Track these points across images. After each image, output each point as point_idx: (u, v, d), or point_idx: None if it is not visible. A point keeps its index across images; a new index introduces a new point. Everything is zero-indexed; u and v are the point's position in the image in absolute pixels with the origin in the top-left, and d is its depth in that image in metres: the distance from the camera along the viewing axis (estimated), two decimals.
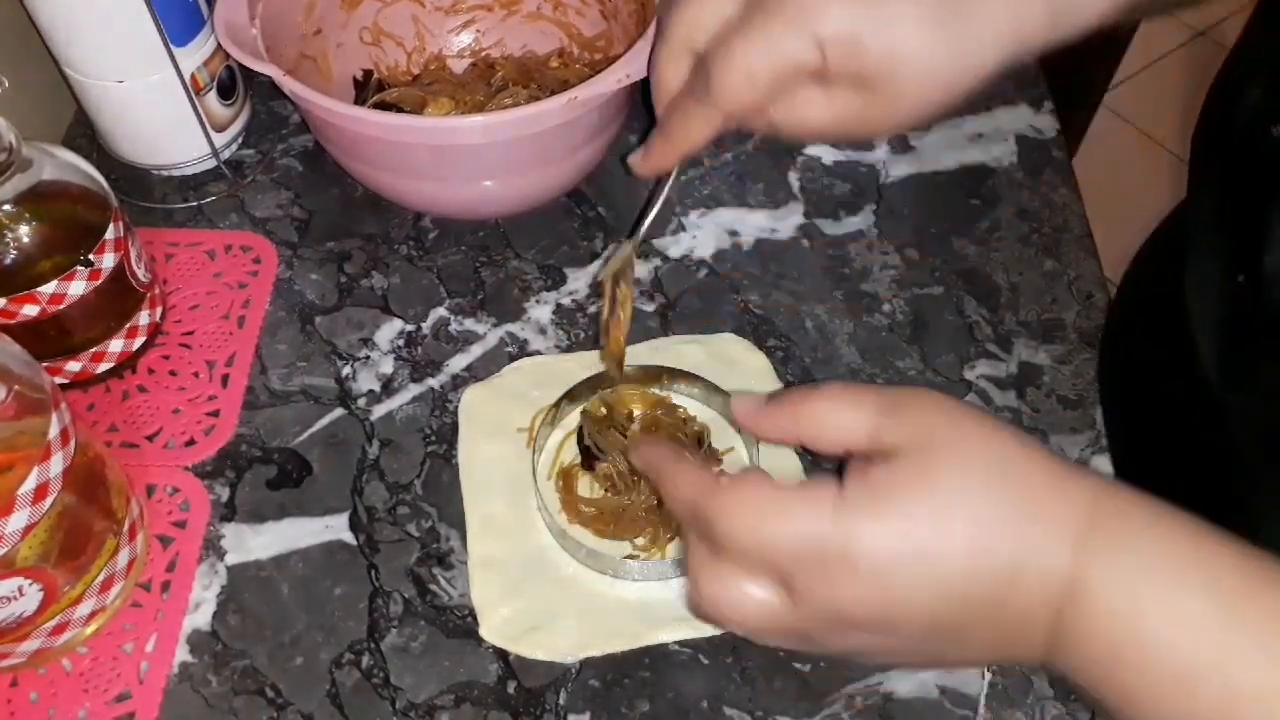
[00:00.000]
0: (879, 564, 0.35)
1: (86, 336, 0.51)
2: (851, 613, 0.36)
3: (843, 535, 0.35)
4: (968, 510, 0.35)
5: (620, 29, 0.64)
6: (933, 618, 0.36)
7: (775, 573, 0.36)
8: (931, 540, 0.34)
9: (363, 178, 0.58)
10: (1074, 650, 0.35)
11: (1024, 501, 0.35)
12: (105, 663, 0.45)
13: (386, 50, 0.66)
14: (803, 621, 0.37)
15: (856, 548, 0.34)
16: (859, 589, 0.35)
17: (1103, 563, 0.34)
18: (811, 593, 0.36)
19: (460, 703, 0.45)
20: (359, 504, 0.50)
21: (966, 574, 0.35)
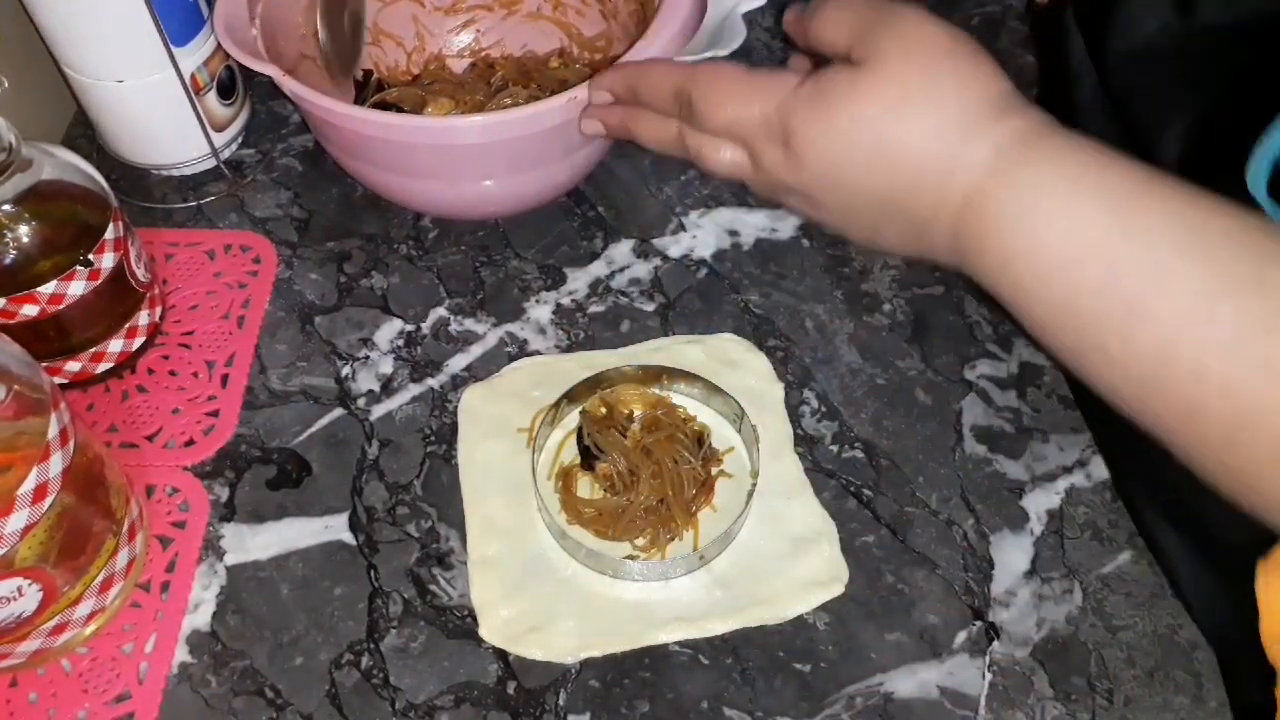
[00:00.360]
0: (800, 150, 0.43)
1: (86, 336, 0.51)
2: (786, 181, 0.45)
3: (786, 119, 0.43)
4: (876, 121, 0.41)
5: (620, 28, 0.64)
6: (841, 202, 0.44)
7: (740, 142, 0.46)
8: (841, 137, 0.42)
9: (362, 177, 0.58)
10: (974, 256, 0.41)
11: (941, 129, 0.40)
12: (105, 663, 0.45)
13: (386, 50, 0.66)
14: (761, 180, 0.46)
15: (789, 132, 0.43)
16: (790, 162, 0.44)
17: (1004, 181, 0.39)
18: (762, 160, 0.45)
19: (460, 703, 0.45)
20: (358, 504, 0.50)
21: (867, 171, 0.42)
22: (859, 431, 0.53)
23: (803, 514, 0.50)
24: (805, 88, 0.43)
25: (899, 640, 0.47)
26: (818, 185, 0.44)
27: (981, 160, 0.40)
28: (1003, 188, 0.40)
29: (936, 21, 0.43)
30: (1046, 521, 0.50)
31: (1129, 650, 0.46)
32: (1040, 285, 0.39)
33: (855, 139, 0.42)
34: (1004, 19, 0.72)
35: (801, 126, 0.43)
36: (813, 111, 0.43)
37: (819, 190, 0.44)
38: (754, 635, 0.47)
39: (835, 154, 0.42)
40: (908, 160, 0.41)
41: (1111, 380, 0.39)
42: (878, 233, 0.45)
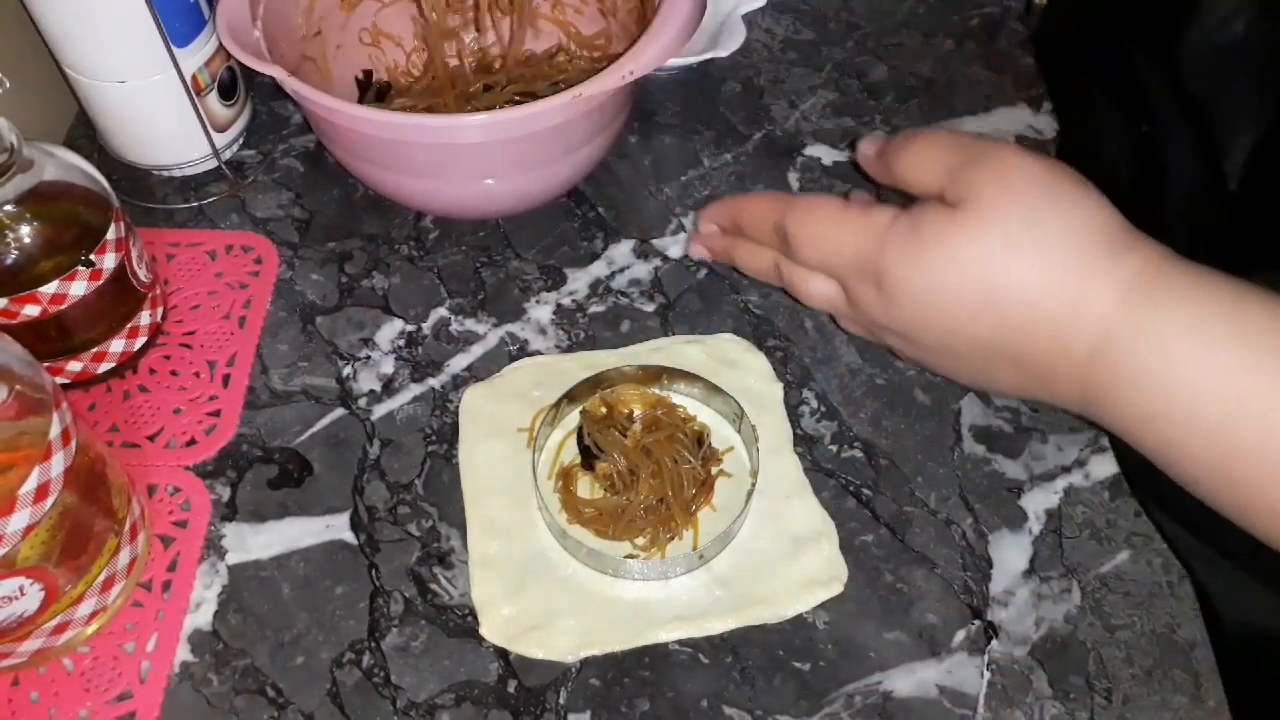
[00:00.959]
0: (896, 292, 0.42)
1: (88, 336, 0.51)
2: (881, 321, 0.44)
3: (878, 257, 0.42)
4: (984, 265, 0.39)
5: (619, 26, 0.64)
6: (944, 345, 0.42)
7: (834, 274, 0.45)
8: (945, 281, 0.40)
9: (364, 177, 0.58)
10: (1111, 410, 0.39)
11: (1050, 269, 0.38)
12: (106, 662, 0.45)
13: (386, 50, 0.66)
14: (855, 317, 0.46)
15: (883, 272, 0.42)
16: (883, 305, 0.43)
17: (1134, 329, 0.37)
18: (856, 297, 0.44)
19: (461, 702, 0.45)
20: (360, 504, 0.50)
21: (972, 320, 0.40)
22: (858, 431, 0.53)
23: (802, 513, 0.50)
24: (900, 226, 0.41)
25: (898, 639, 0.47)
26: (915, 328, 0.42)
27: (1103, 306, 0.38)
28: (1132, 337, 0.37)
29: (1034, 156, 0.41)
30: (1045, 521, 0.50)
31: (1127, 649, 0.47)
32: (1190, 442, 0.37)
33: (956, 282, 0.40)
34: (1003, 20, 0.72)
35: (896, 268, 0.41)
36: (907, 252, 0.41)
37: (917, 332, 0.43)
38: (753, 634, 0.47)
39: (933, 297, 0.41)
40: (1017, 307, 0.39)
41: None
42: (990, 377, 0.43)
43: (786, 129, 0.66)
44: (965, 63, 0.70)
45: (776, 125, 0.66)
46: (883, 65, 0.70)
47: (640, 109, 0.66)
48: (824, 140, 0.65)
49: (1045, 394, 0.41)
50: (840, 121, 0.66)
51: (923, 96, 0.68)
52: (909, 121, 0.66)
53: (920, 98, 0.68)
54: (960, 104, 0.67)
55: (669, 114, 0.67)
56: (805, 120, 0.66)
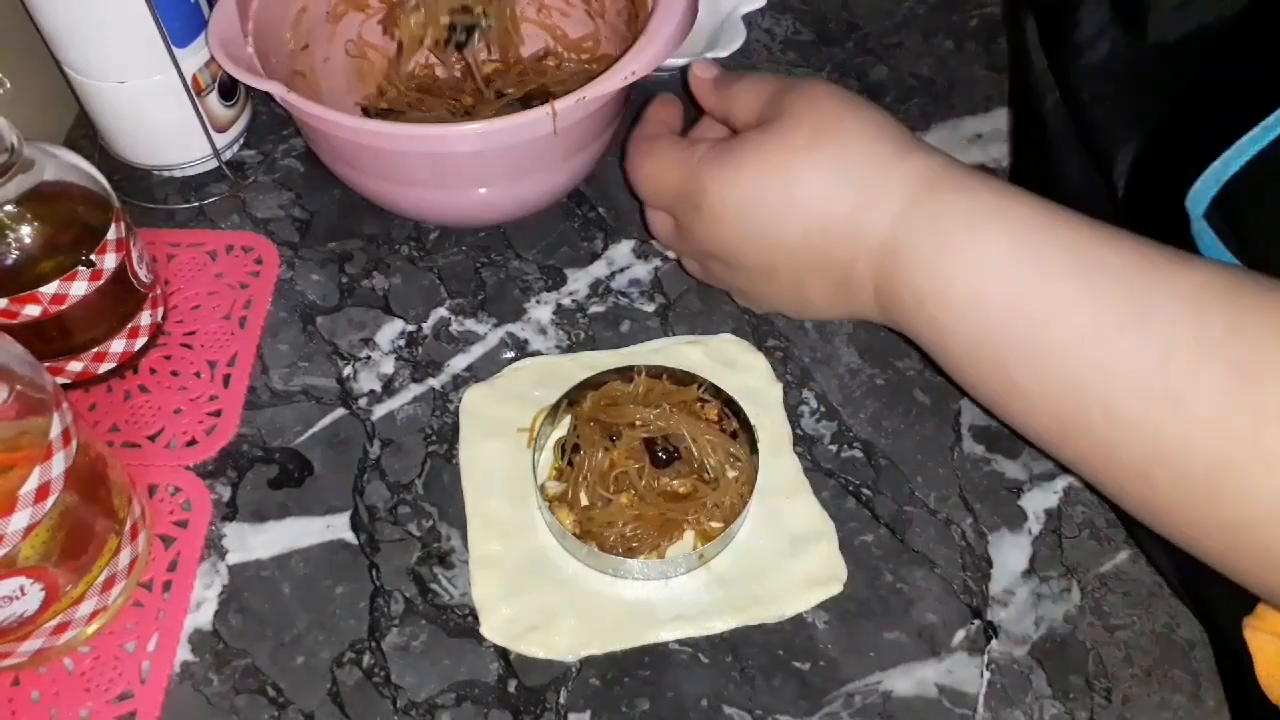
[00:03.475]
0: (715, 209, 0.44)
1: (88, 336, 0.51)
2: (706, 247, 0.46)
3: (696, 181, 0.45)
4: (784, 173, 0.42)
5: (608, 28, 0.64)
6: (760, 260, 0.45)
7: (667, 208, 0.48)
8: (752, 194, 0.43)
9: (361, 188, 0.58)
10: (895, 301, 0.42)
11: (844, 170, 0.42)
12: (107, 662, 0.45)
13: (372, 61, 0.66)
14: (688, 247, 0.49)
15: (702, 193, 0.44)
16: (702, 224, 0.45)
17: (915, 222, 0.40)
18: (684, 223, 0.47)
19: (461, 701, 0.45)
20: (360, 503, 0.51)
21: (781, 222, 0.43)
22: (858, 431, 0.53)
23: (802, 513, 0.50)
24: (716, 149, 0.45)
25: (898, 639, 0.47)
26: (735, 243, 0.45)
27: (891, 200, 0.41)
28: (913, 228, 0.40)
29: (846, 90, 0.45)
30: (1044, 521, 0.50)
31: (1127, 649, 0.47)
32: (953, 324, 0.40)
33: (765, 187, 0.43)
34: (1003, 20, 0.72)
35: (711, 184, 0.44)
36: (722, 169, 0.44)
37: (737, 250, 0.45)
38: (753, 634, 0.47)
39: (747, 205, 0.43)
40: (819, 201, 0.42)
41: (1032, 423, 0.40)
42: (802, 293, 0.45)
43: None
44: (965, 63, 0.70)
45: None
46: (883, 65, 0.70)
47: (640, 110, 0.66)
48: None
49: (852, 305, 0.44)
50: None
51: (923, 96, 0.68)
52: (909, 121, 0.66)
53: (920, 98, 0.68)
54: (960, 104, 0.67)
55: None
56: None
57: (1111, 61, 0.48)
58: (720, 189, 0.44)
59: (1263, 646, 0.39)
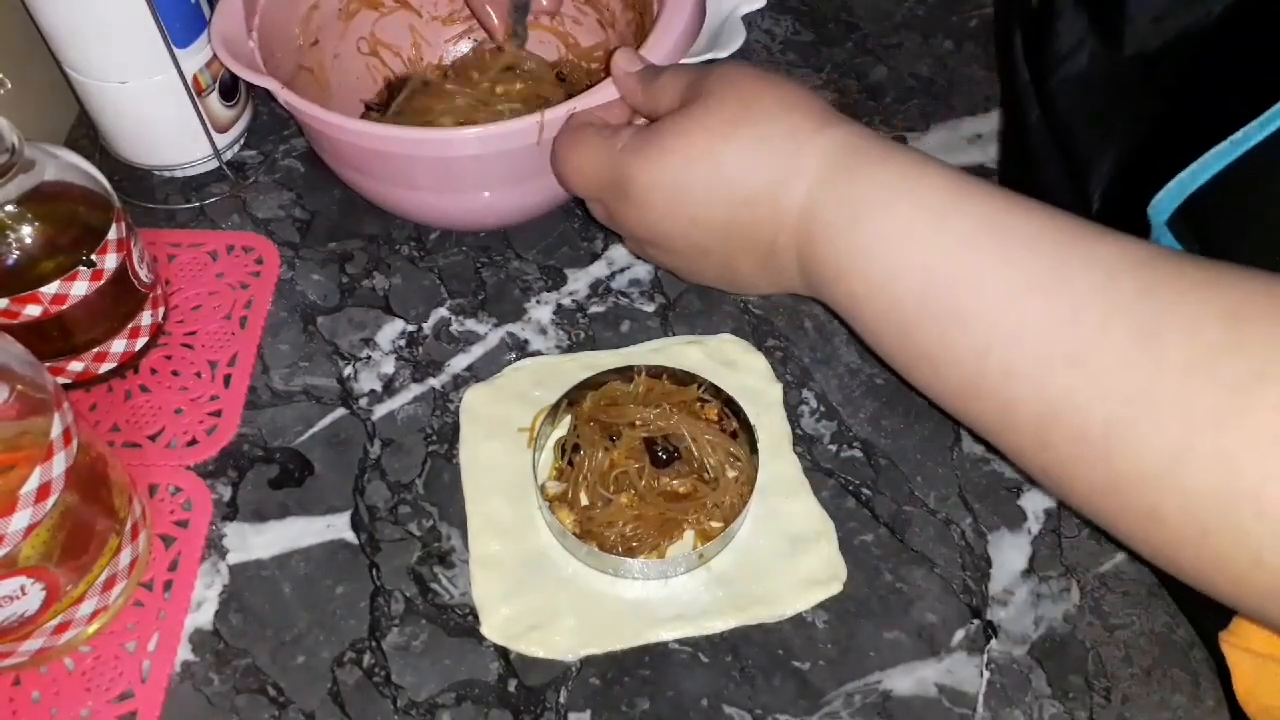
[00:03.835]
0: (642, 195, 0.44)
1: (89, 337, 0.51)
2: (635, 230, 0.46)
3: (621, 169, 0.45)
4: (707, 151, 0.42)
5: (618, 38, 0.64)
6: (691, 240, 0.45)
7: (598, 198, 0.48)
8: (677, 175, 0.43)
9: (361, 189, 0.58)
10: (814, 272, 0.42)
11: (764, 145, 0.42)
12: (107, 662, 0.45)
13: (385, 60, 0.66)
14: (624, 232, 0.49)
15: (629, 180, 0.44)
16: (632, 211, 0.45)
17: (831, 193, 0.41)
18: (615, 211, 0.47)
19: (461, 701, 0.45)
20: (360, 503, 0.51)
21: (707, 202, 0.43)
22: (857, 431, 0.53)
23: (801, 513, 0.50)
24: (638, 135, 0.45)
25: (897, 638, 0.47)
26: (665, 226, 0.45)
27: (810, 172, 0.41)
28: (830, 200, 0.41)
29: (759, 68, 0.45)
30: (1044, 520, 0.50)
31: (1126, 649, 0.47)
32: (867, 295, 0.40)
33: (690, 169, 0.43)
34: (995, 35, 0.72)
35: (637, 172, 0.44)
36: (645, 155, 0.44)
37: (667, 233, 0.45)
38: (753, 633, 0.47)
39: (673, 187, 0.43)
40: (742, 178, 0.42)
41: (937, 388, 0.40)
42: (733, 270, 0.46)
43: None
44: (965, 63, 0.70)
45: None
46: (882, 65, 0.70)
47: None
48: None
49: (779, 280, 0.44)
50: None
51: (922, 97, 0.68)
52: (909, 122, 0.66)
53: (920, 98, 0.68)
54: (960, 104, 0.67)
55: None
56: None
57: (1089, 73, 0.48)
58: (645, 175, 0.44)
59: (1239, 662, 0.39)
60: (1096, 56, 0.47)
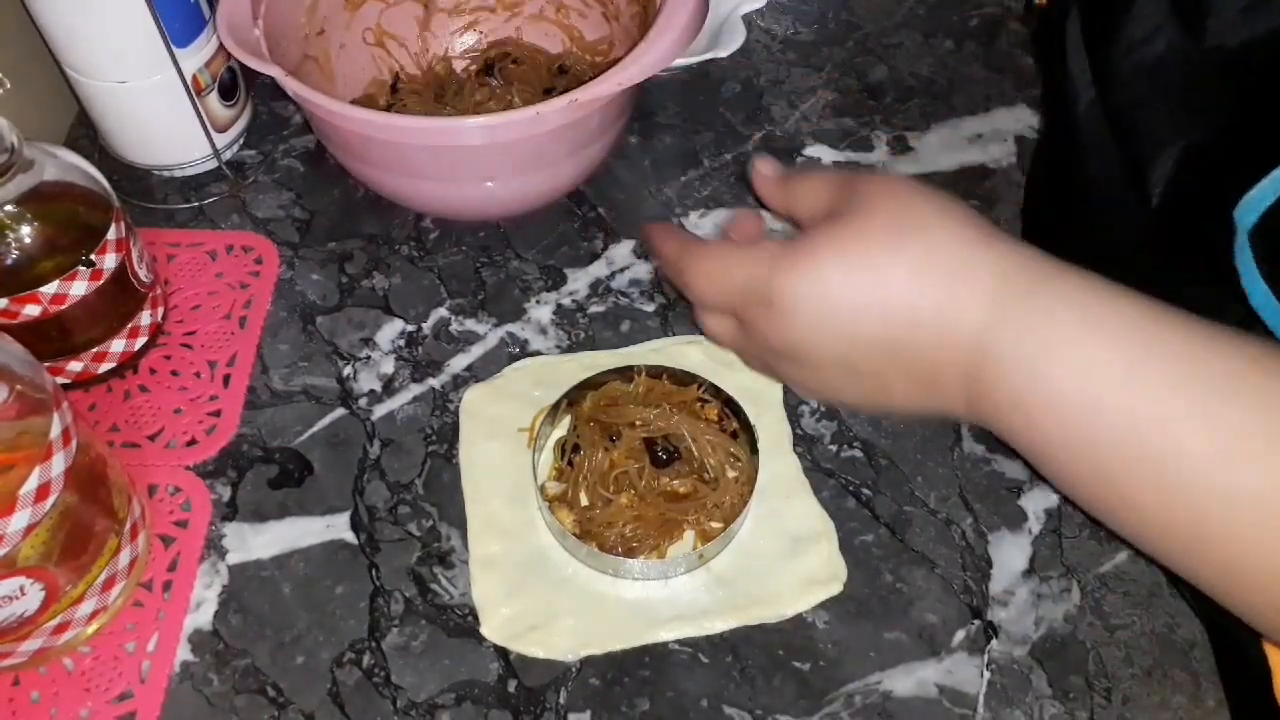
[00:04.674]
0: (787, 305, 0.42)
1: (88, 336, 0.51)
2: (775, 345, 0.44)
3: (766, 281, 0.42)
4: (867, 265, 0.40)
5: (622, 31, 0.64)
6: (839, 356, 0.42)
7: (729, 309, 0.46)
8: (832, 287, 0.41)
9: (364, 178, 0.58)
10: (987, 400, 0.40)
11: (930, 262, 0.40)
12: (107, 662, 0.45)
13: (390, 51, 0.66)
14: (753, 348, 0.46)
15: (774, 292, 0.42)
16: (776, 325, 0.43)
17: (1011, 322, 0.38)
18: (751, 326, 0.44)
19: (461, 701, 0.45)
20: (360, 503, 0.51)
21: (864, 319, 0.41)
22: (858, 431, 0.53)
23: (802, 513, 0.50)
24: (786, 247, 0.43)
25: (898, 639, 0.47)
26: (810, 342, 0.43)
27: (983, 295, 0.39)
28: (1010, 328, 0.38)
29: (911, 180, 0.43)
30: (1044, 520, 0.50)
31: (1127, 649, 0.47)
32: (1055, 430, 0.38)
33: (845, 286, 0.41)
34: (1003, 20, 0.72)
35: (786, 281, 0.42)
36: (795, 267, 0.41)
37: (812, 347, 0.43)
38: (753, 634, 0.47)
39: (824, 302, 0.41)
40: (903, 299, 0.40)
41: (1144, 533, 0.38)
42: (885, 390, 0.43)
43: (786, 129, 0.66)
44: (965, 63, 0.70)
45: (776, 125, 0.66)
46: (882, 65, 0.70)
47: (640, 109, 0.66)
48: (824, 140, 0.65)
49: (936, 401, 0.42)
50: (840, 122, 0.66)
51: (922, 96, 0.68)
52: (909, 121, 0.66)
53: (920, 98, 0.68)
54: (960, 104, 0.67)
55: (669, 114, 0.67)
56: (805, 120, 0.66)
57: (1162, 63, 0.46)
58: (796, 285, 0.41)
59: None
60: (1174, 45, 0.45)
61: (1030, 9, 0.72)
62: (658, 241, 0.50)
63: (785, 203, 0.47)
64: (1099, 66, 0.49)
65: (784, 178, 0.48)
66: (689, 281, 0.47)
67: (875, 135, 0.66)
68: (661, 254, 0.49)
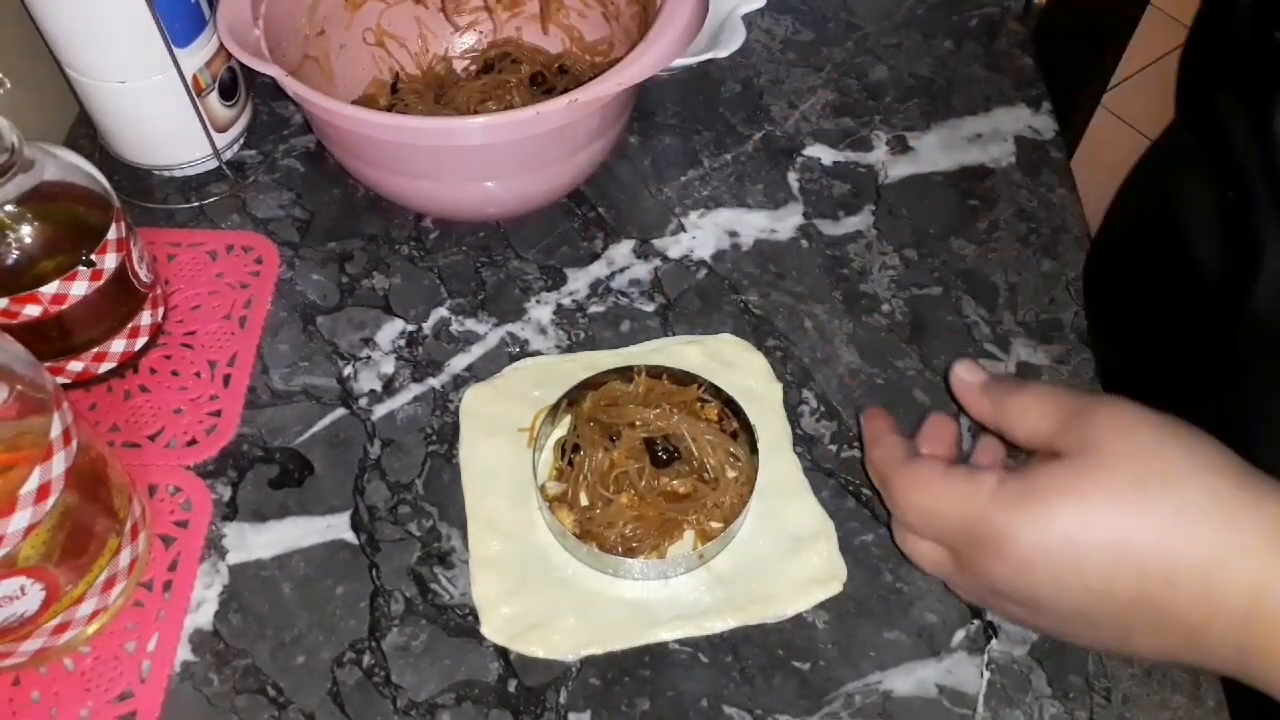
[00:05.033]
0: (1022, 556, 0.39)
1: (88, 336, 0.51)
2: (1002, 589, 0.41)
3: (993, 524, 0.39)
4: (1115, 524, 0.37)
5: (622, 31, 0.64)
6: (1079, 608, 0.39)
7: (943, 543, 0.42)
8: (1075, 544, 0.38)
9: (364, 178, 0.58)
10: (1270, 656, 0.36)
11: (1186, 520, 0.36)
12: (107, 662, 0.45)
13: (390, 51, 0.66)
14: (968, 582, 0.43)
15: (1004, 538, 0.39)
16: (1006, 571, 0.40)
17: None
18: (971, 563, 0.41)
19: (461, 701, 0.45)
20: (360, 503, 0.51)
21: (1109, 575, 0.37)
22: (858, 431, 0.53)
23: (802, 513, 0.50)
24: (1011, 488, 0.39)
25: (898, 639, 0.47)
26: (1046, 596, 0.39)
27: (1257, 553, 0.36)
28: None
29: (1144, 407, 0.40)
30: None
31: None
32: None
33: (1087, 537, 0.38)
34: (1003, 20, 0.72)
35: (1017, 530, 0.39)
36: (1028, 512, 0.39)
37: (1048, 600, 0.40)
38: (753, 634, 0.47)
39: (1065, 557, 0.38)
40: (1157, 556, 0.37)
41: None
42: (1126, 639, 0.40)
43: (786, 129, 0.66)
44: (965, 63, 0.70)
45: (776, 125, 0.66)
46: (883, 65, 0.70)
47: (640, 109, 0.66)
48: (824, 140, 0.65)
49: (1191, 654, 0.39)
50: (840, 121, 0.66)
51: (922, 96, 0.68)
52: (909, 121, 0.66)
53: (920, 98, 0.68)
54: (960, 104, 0.67)
55: (669, 114, 0.67)
56: (805, 120, 0.67)
57: None
58: (1029, 535, 0.38)
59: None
60: None
61: (1030, 9, 0.72)
62: (868, 433, 0.47)
63: (995, 417, 0.44)
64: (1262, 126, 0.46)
65: (992, 387, 0.44)
66: (895, 501, 0.44)
67: (875, 135, 0.66)
68: (868, 452, 0.46)
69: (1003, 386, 0.44)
